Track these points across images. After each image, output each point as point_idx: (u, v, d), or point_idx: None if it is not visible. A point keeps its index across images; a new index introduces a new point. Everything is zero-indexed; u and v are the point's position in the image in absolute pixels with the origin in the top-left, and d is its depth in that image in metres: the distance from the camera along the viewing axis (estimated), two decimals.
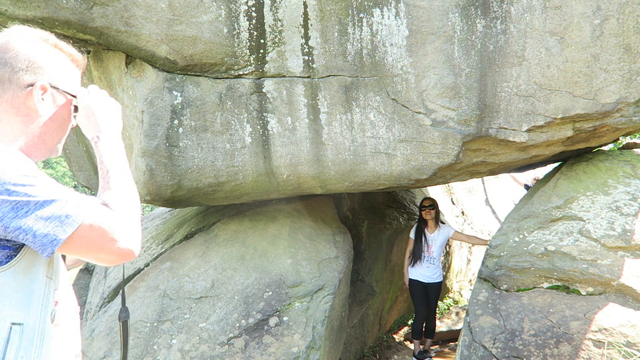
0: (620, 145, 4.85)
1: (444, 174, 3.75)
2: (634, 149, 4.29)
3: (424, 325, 5.12)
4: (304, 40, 3.37)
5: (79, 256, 1.02)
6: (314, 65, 3.41)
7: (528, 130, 3.40)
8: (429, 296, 4.98)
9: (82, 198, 1.00)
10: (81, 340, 1.19)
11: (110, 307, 3.93)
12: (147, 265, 4.34)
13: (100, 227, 0.99)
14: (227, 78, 3.47)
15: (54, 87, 1.11)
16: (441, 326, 6.02)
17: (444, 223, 5.13)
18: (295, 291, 3.74)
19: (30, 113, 1.08)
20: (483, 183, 9.29)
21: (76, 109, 1.18)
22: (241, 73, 3.45)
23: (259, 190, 3.83)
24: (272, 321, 3.52)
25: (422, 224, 4.98)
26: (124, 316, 1.39)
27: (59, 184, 0.99)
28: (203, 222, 4.76)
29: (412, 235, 5.05)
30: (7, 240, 0.93)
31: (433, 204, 4.95)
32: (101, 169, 1.13)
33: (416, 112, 3.43)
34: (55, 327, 1.03)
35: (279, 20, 3.33)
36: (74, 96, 1.16)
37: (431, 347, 5.41)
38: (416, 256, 4.93)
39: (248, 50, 3.38)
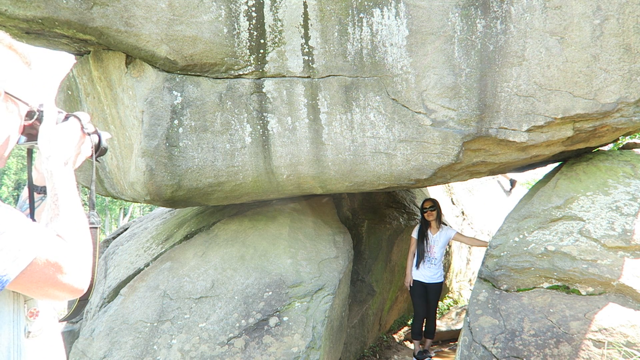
0: (620, 145, 4.86)
1: (444, 174, 3.75)
2: (634, 149, 4.29)
3: (424, 325, 5.12)
4: (304, 40, 3.37)
5: (27, 293, 0.94)
6: (314, 65, 3.41)
7: (528, 130, 3.40)
8: (429, 296, 4.98)
9: (34, 228, 0.93)
10: (64, 347, 1.16)
11: (110, 307, 3.93)
12: (147, 265, 4.34)
13: (54, 261, 0.92)
14: (227, 78, 3.47)
15: (8, 94, 1.02)
16: (441, 326, 6.02)
17: (445, 224, 5.14)
18: (295, 291, 3.74)
19: None
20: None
21: (29, 115, 1.11)
22: (241, 73, 3.45)
23: (259, 190, 3.83)
24: (272, 321, 3.52)
25: (424, 225, 4.99)
26: (92, 222, 1.22)
27: (9, 210, 0.91)
28: (203, 222, 4.76)
29: (414, 235, 5.05)
30: None
31: (434, 205, 4.95)
32: (52, 195, 1.07)
33: (416, 112, 3.43)
34: (32, 339, 1.00)
35: (279, 20, 3.33)
36: (27, 103, 1.08)
37: (431, 347, 5.41)
38: (419, 257, 4.93)
39: (248, 50, 3.38)
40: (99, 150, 1.29)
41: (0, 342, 0.93)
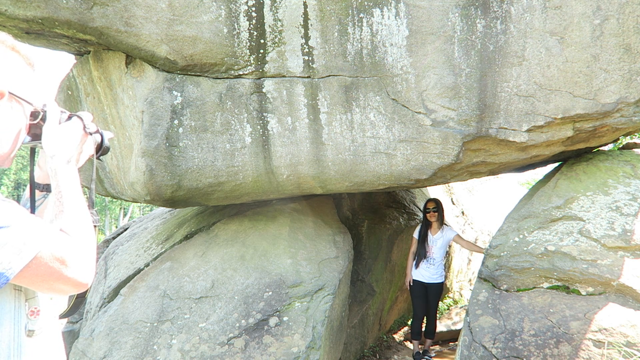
0: (620, 145, 4.85)
1: (444, 174, 3.75)
2: (634, 149, 4.29)
3: (424, 325, 5.12)
4: (304, 40, 3.37)
5: (32, 287, 0.95)
6: (314, 65, 3.41)
7: (528, 130, 3.40)
8: (429, 297, 4.98)
9: (38, 223, 0.94)
10: (64, 348, 1.16)
11: (110, 307, 3.93)
12: (147, 265, 4.34)
13: (59, 255, 0.94)
14: (227, 78, 3.47)
15: (12, 94, 1.03)
16: (441, 326, 6.02)
17: (447, 225, 5.14)
18: (295, 291, 3.74)
19: None
20: None
21: (33, 115, 1.12)
22: (241, 73, 3.45)
23: (259, 190, 3.83)
24: (272, 321, 3.52)
25: (425, 226, 5.00)
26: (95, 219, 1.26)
27: (13, 205, 0.91)
28: (203, 222, 4.76)
29: (415, 235, 5.06)
30: None
31: (437, 207, 4.96)
32: (57, 192, 1.09)
33: (416, 112, 3.43)
34: (33, 338, 1.00)
35: (279, 20, 3.33)
36: (31, 103, 1.09)
37: (431, 347, 5.41)
38: (418, 257, 4.94)
39: (248, 50, 3.38)
40: (102, 149, 1.31)
41: (1, 339, 0.93)
